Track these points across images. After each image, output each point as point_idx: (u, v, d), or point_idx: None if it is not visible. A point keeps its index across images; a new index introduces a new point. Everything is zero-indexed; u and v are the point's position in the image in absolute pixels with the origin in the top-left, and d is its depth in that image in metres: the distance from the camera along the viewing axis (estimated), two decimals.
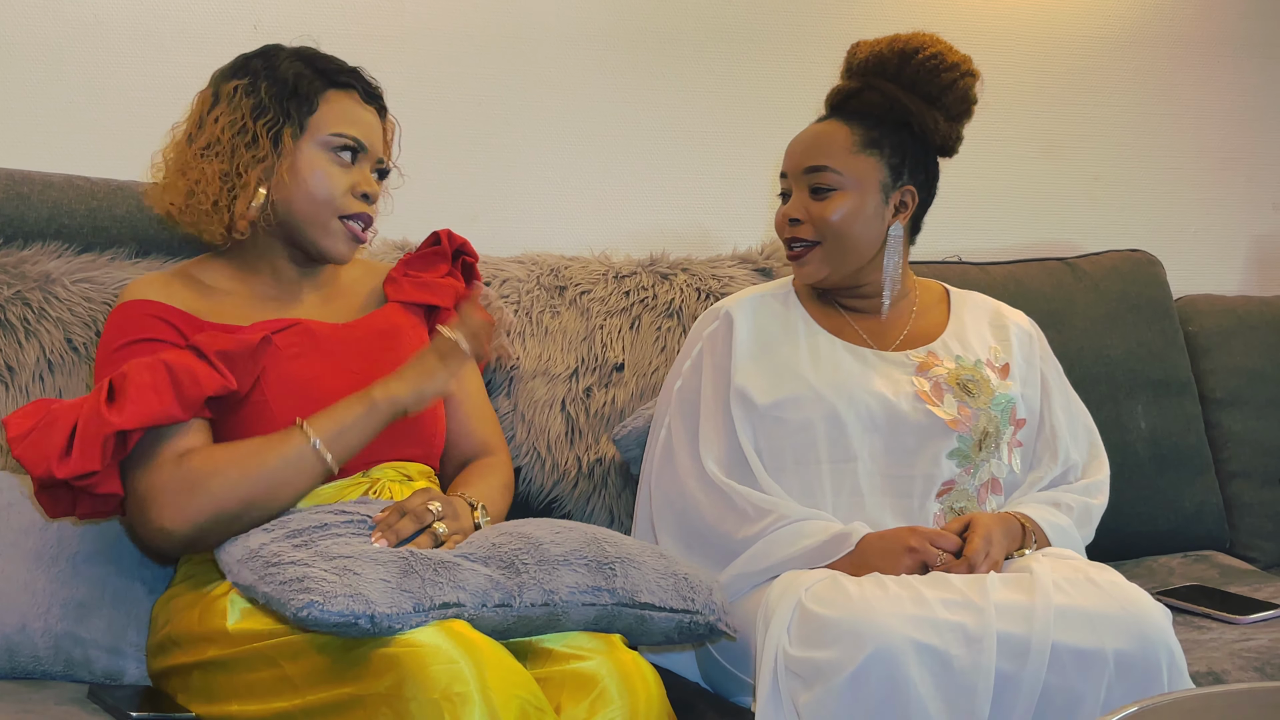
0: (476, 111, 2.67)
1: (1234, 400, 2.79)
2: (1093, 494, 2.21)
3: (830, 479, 2.09)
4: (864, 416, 2.09)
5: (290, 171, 2.00)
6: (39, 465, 1.84)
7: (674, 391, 2.18)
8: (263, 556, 1.78)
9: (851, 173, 2.12)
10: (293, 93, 2.02)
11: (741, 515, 2.06)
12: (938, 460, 2.09)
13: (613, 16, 2.74)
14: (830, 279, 2.16)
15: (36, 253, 2.23)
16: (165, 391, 1.85)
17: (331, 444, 1.89)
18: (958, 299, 2.27)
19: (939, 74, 2.13)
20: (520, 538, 1.84)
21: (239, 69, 2.06)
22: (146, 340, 1.94)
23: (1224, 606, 2.37)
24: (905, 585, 1.89)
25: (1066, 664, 1.83)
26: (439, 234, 2.24)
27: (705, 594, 1.90)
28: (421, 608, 1.72)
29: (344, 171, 2.03)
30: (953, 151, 2.19)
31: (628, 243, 2.68)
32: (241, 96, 2.01)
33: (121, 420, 1.82)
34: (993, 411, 2.13)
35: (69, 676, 2.01)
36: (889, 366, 2.14)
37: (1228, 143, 3.11)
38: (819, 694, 1.81)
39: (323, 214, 2.02)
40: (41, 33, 2.45)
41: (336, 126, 2.02)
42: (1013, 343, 2.23)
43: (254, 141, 1.99)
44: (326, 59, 2.07)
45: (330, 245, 2.04)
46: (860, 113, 2.15)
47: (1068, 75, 3.00)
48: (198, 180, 2.01)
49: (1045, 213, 3.00)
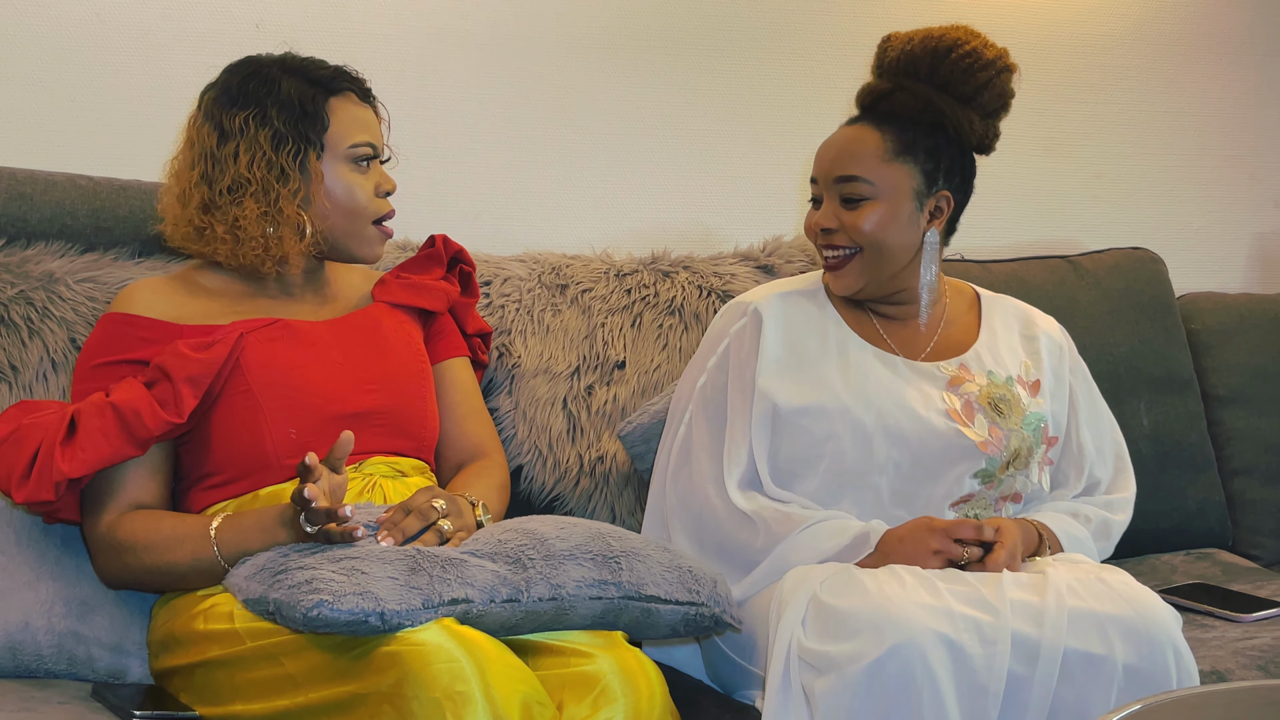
0: (478, 110, 2.67)
1: (1236, 398, 2.79)
2: (1114, 510, 2.17)
3: (850, 491, 2.06)
4: (892, 432, 2.04)
5: (325, 194, 2.04)
6: (3, 482, 1.92)
7: (696, 388, 2.12)
8: (269, 568, 1.80)
9: (884, 182, 2.05)
10: (303, 113, 2.03)
11: (761, 529, 2.02)
12: (961, 480, 2.06)
13: (615, 15, 2.74)
14: (867, 289, 2.10)
15: (40, 252, 2.23)
16: (114, 435, 1.91)
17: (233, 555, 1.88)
18: (989, 305, 2.21)
19: (974, 73, 2.06)
20: (526, 534, 1.84)
21: (236, 97, 2.04)
22: (116, 363, 1.99)
23: (1227, 604, 2.37)
24: (919, 577, 1.89)
25: (1076, 670, 1.83)
26: (435, 238, 2.24)
27: (710, 586, 1.90)
28: (430, 604, 1.72)
29: (366, 177, 2.07)
30: (990, 149, 2.12)
31: (629, 241, 2.67)
32: (255, 129, 2.01)
33: (70, 468, 1.89)
34: (1025, 431, 2.08)
35: (72, 675, 2.01)
36: (920, 379, 2.09)
37: (1230, 140, 3.10)
38: (834, 684, 1.80)
39: (358, 224, 2.07)
40: (44, 32, 2.45)
41: (352, 137, 2.06)
42: (1043, 356, 2.17)
43: (284, 174, 2.01)
44: (313, 66, 2.08)
45: (367, 251, 2.09)
46: (892, 116, 2.07)
47: (1070, 73, 3.00)
48: (237, 223, 2.01)
49: (1048, 210, 3.00)
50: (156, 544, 1.92)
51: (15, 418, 1.95)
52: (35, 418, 1.94)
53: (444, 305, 2.20)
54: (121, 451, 1.91)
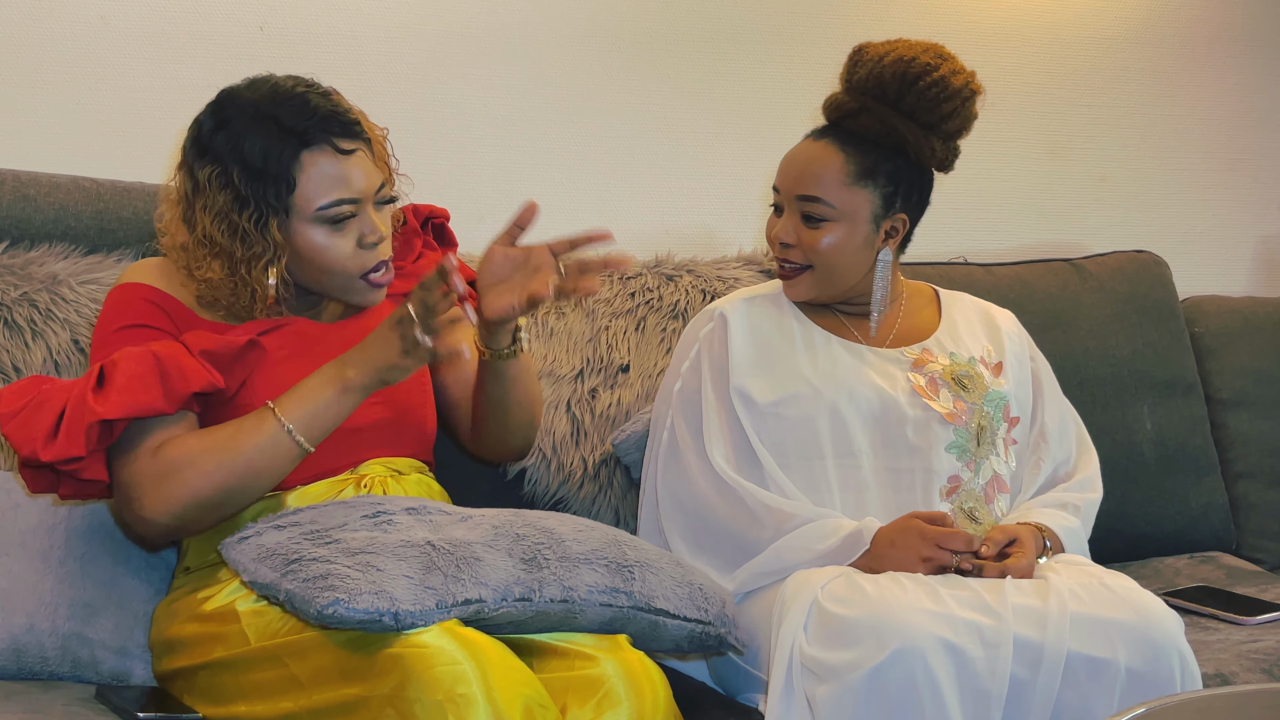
0: (482, 113, 2.68)
1: (1240, 401, 2.79)
2: (1088, 489, 2.21)
3: (835, 474, 2.09)
4: (863, 411, 2.10)
5: (292, 256, 1.92)
6: (25, 445, 1.84)
7: (674, 393, 2.17)
8: (281, 554, 1.78)
9: (844, 205, 2.10)
10: (263, 175, 1.88)
11: (753, 516, 2.05)
12: (936, 452, 2.10)
13: (618, 18, 2.74)
14: (819, 299, 2.17)
15: (43, 254, 2.23)
16: (153, 384, 1.83)
17: (306, 428, 1.86)
18: (948, 300, 2.27)
19: (940, 103, 2.09)
20: (544, 532, 1.84)
21: (205, 148, 1.91)
22: (142, 326, 1.93)
23: (1230, 608, 2.37)
24: (921, 583, 1.90)
25: (1079, 674, 1.83)
26: (403, 211, 2.10)
27: (719, 606, 1.91)
28: (444, 604, 1.72)
29: (344, 236, 1.93)
30: (950, 168, 2.17)
31: (633, 244, 2.67)
32: (217, 189, 1.89)
33: (105, 409, 1.81)
34: (986, 408, 2.13)
35: (76, 677, 2.01)
36: (884, 362, 2.15)
37: (1234, 143, 3.10)
38: (836, 690, 1.81)
39: (339, 280, 1.95)
40: (48, 34, 2.45)
41: (322, 197, 1.90)
42: (1004, 342, 2.23)
43: (246, 237, 1.89)
44: (290, 108, 1.90)
45: (359, 299, 1.99)
46: (856, 135, 2.11)
47: (1073, 76, 3.00)
48: (206, 278, 1.93)
49: (1051, 214, 3.00)
50: (215, 445, 1.84)
51: (31, 387, 1.89)
52: (53, 384, 1.88)
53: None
54: (155, 403, 1.83)
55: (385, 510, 1.85)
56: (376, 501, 1.89)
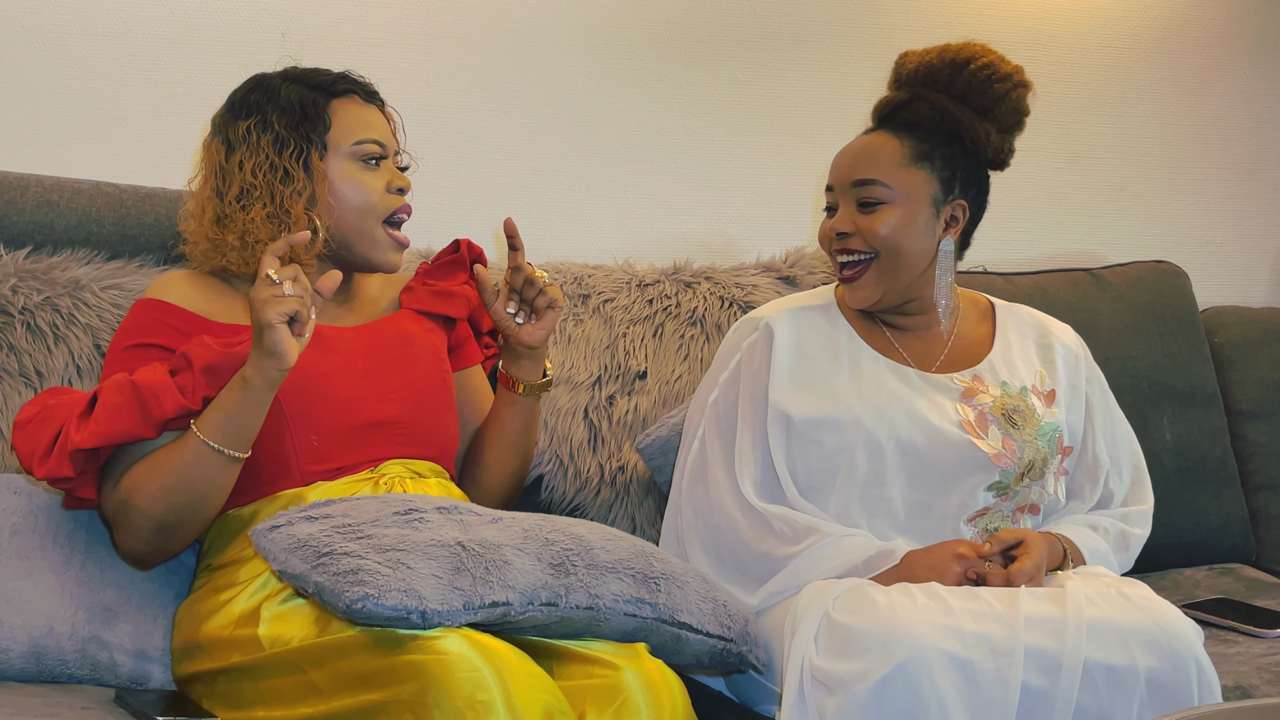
0: (501, 120, 2.68)
1: (1260, 412, 2.78)
2: (1132, 522, 2.17)
3: (862, 504, 2.05)
4: (905, 443, 2.04)
5: (331, 193, 2.04)
6: (25, 460, 1.93)
7: (708, 404, 2.13)
8: (313, 546, 1.79)
9: (902, 186, 2.06)
10: (303, 116, 2.05)
11: (780, 537, 2.02)
12: (974, 493, 2.06)
13: (637, 23, 2.75)
14: (884, 300, 2.10)
15: (66, 259, 2.24)
16: (131, 412, 1.89)
17: (222, 434, 1.89)
18: (1003, 314, 2.21)
19: (991, 85, 2.07)
20: (573, 538, 1.85)
21: (239, 110, 2.07)
22: (149, 346, 1.99)
23: (1250, 620, 2.36)
24: (933, 596, 1.88)
25: (1099, 682, 1.83)
26: (459, 242, 2.24)
27: (742, 624, 1.91)
28: (471, 606, 1.73)
29: (375, 175, 2.07)
30: (1004, 164, 2.14)
31: (651, 251, 2.68)
32: (257, 136, 2.04)
33: (81, 439, 1.89)
34: (1039, 442, 2.08)
35: (95, 680, 2.02)
36: (933, 390, 2.09)
37: (1255, 153, 3.09)
38: (843, 702, 1.80)
39: (368, 223, 2.06)
40: (71, 40, 2.46)
41: (355, 135, 2.06)
42: (1059, 365, 2.17)
43: (287, 175, 2.03)
44: (316, 73, 2.10)
45: (380, 257, 2.08)
46: (910, 124, 2.09)
47: (1093, 85, 2.99)
48: (245, 230, 2.02)
49: (1071, 223, 3.00)
50: (155, 468, 1.90)
51: (44, 400, 1.97)
52: (62, 399, 1.95)
53: (466, 312, 2.20)
54: (135, 429, 1.90)
55: (417, 508, 1.86)
56: (409, 499, 1.89)
